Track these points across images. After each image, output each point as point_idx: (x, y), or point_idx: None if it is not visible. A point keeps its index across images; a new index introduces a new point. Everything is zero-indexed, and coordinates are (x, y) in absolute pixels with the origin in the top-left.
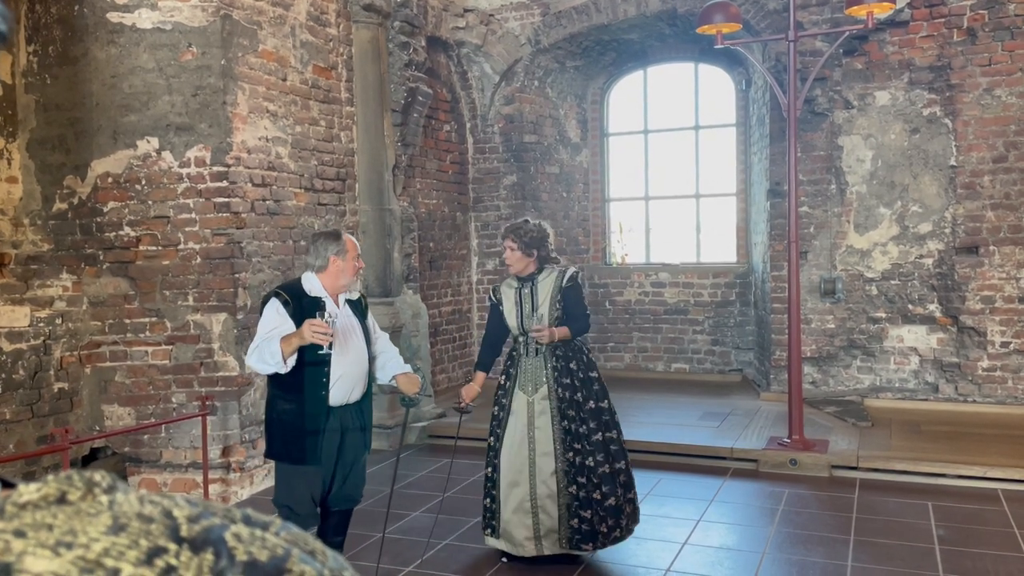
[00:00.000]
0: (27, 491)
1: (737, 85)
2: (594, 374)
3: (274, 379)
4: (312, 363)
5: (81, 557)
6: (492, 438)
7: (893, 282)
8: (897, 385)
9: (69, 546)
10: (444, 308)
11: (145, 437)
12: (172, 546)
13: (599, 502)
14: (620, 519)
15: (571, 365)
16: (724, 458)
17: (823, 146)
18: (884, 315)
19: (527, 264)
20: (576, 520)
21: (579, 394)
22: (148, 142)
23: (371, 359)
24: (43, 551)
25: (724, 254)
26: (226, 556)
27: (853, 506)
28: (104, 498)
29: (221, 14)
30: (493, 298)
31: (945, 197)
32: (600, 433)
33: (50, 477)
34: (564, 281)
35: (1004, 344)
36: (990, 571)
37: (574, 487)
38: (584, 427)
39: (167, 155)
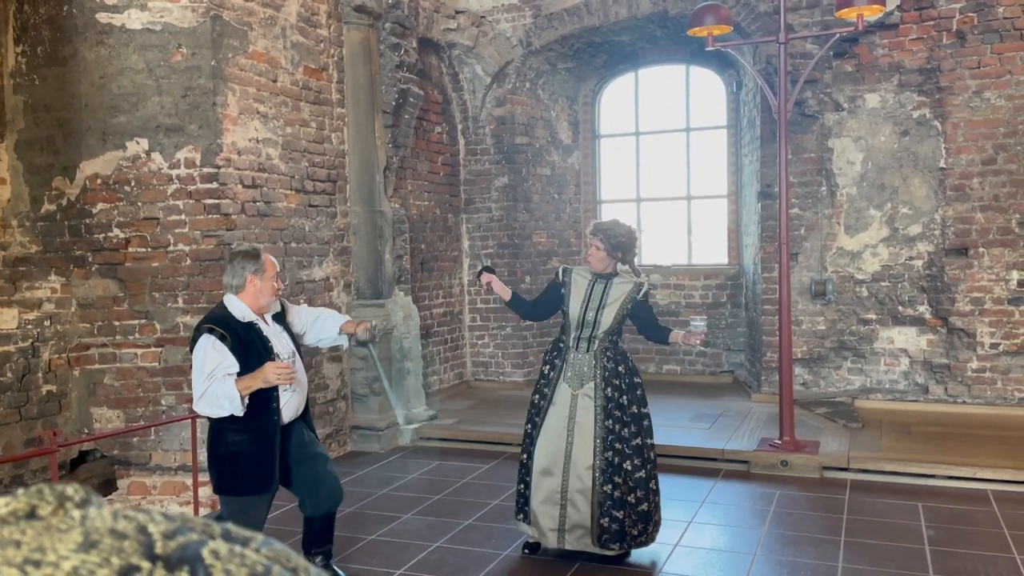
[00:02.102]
0: None
1: (728, 87)
2: (638, 380)
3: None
4: (259, 392)
5: None
6: (529, 425)
7: (883, 284)
8: (887, 386)
9: (37, 564)
10: (436, 310)
11: (134, 440)
12: (145, 564)
13: (633, 506)
14: (648, 525)
15: (620, 368)
16: (715, 459)
17: (813, 148)
18: (874, 316)
19: (608, 264)
20: (607, 519)
21: (625, 398)
22: (137, 143)
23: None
24: (9, 570)
25: (715, 256)
26: (203, 574)
27: (844, 507)
28: (76, 513)
29: (211, 15)
30: (559, 278)
31: (935, 199)
32: (640, 438)
33: (20, 491)
34: (640, 295)
35: (993, 345)
36: (979, 571)
37: (609, 486)
38: (627, 430)
39: (157, 156)
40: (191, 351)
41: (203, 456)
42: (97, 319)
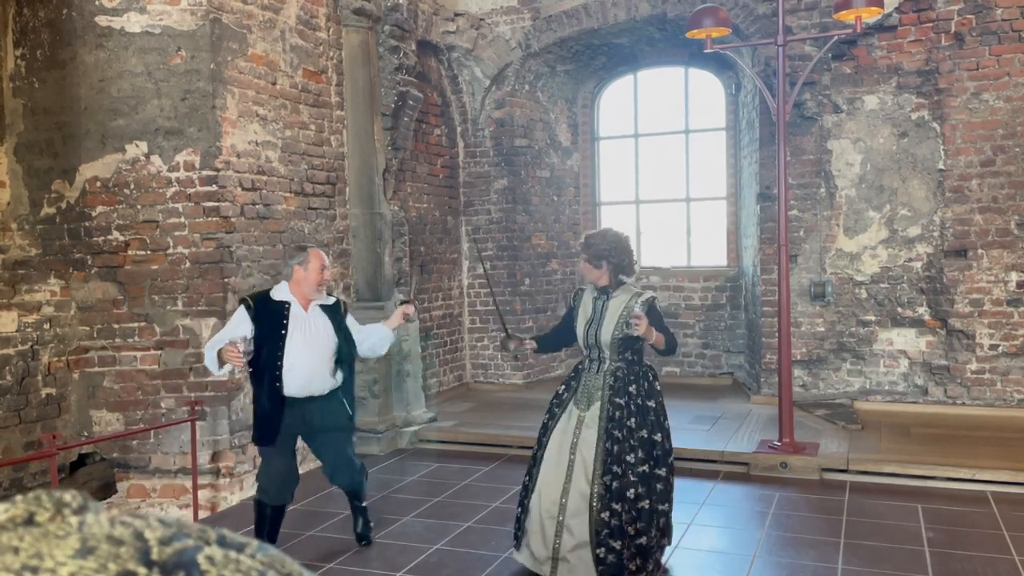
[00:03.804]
0: None
1: (727, 89)
2: (652, 403)
3: (251, 373)
4: (266, 357)
5: None
6: (536, 446)
7: (882, 285)
8: (886, 388)
9: (35, 570)
10: (435, 312)
11: (134, 443)
12: (142, 570)
13: (632, 537)
14: (648, 562)
15: (630, 388)
16: (715, 461)
17: (812, 150)
18: (873, 318)
19: (599, 275)
20: (603, 549)
21: (633, 420)
22: (137, 146)
23: (341, 360)
24: None
25: (714, 258)
26: None
27: (843, 509)
28: (74, 519)
29: (210, 18)
30: (571, 302)
31: (933, 200)
32: (647, 466)
33: (19, 497)
34: (637, 306)
35: (992, 347)
36: (979, 573)
37: (607, 513)
38: (632, 456)
39: (156, 159)
40: None
41: (203, 458)
42: (96, 322)
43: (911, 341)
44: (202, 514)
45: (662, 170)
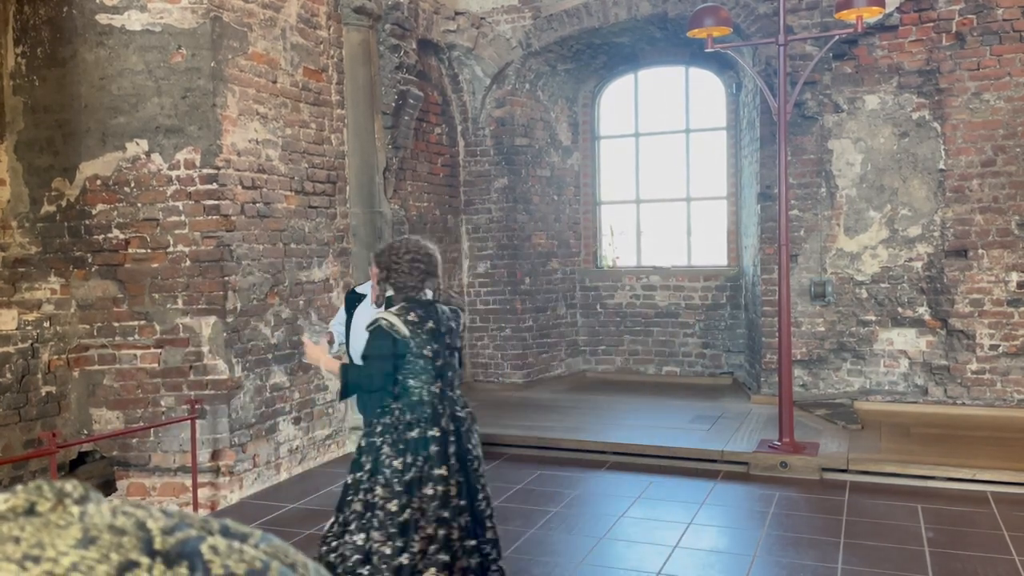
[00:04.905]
0: None
1: (728, 88)
2: (364, 443)
3: None
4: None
5: (48, 572)
6: None
7: (883, 285)
8: (887, 388)
9: (36, 560)
10: None
11: (134, 441)
12: (144, 560)
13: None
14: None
15: (366, 424)
16: (715, 461)
17: (813, 149)
18: (874, 318)
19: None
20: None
21: (360, 459)
22: (137, 144)
23: None
24: (8, 565)
25: (715, 257)
26: (202, 570)
27: (843, 508)
28: (75, 509)
29: (211, 16)
30: None
31: (934, 200)
32: (359, 506)
33: (19, 487)
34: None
35: (993, 347)
36: (979, 573)
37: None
38: (351, 496)
39: (156, 157)
40: None
41: (203, 456)
42: (96, 320)
43: (911, 341)
44: (201, 512)
45: (662, 169)
